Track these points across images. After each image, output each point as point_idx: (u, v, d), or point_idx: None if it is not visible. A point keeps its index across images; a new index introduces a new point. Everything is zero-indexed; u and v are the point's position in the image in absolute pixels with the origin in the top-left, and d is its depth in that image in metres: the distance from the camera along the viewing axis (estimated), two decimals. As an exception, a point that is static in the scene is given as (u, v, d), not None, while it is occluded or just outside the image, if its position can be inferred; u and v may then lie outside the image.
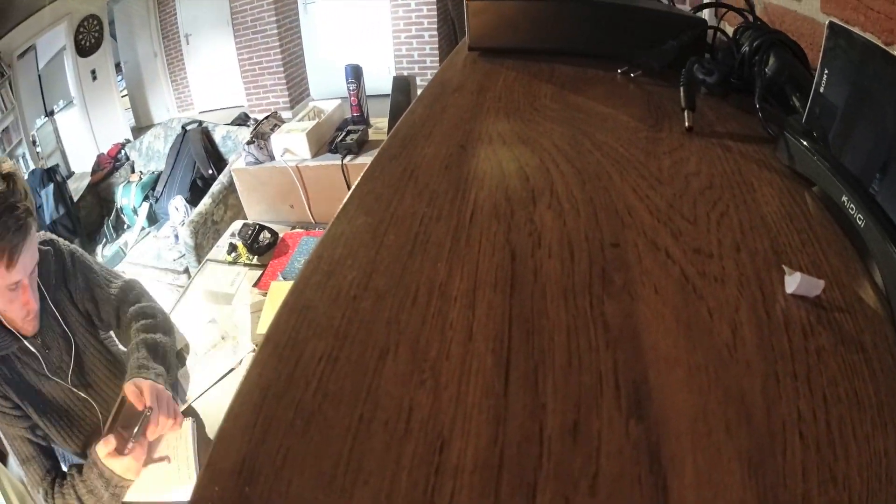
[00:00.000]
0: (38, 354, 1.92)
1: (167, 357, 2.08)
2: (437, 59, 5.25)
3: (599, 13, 1.20)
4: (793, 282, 0.53)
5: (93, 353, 2.12)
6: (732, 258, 0.59)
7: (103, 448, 1.78)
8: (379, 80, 2.50)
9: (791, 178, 0.71)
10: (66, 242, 2.16)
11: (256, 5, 5.70)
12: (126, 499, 1.83)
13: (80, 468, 1.90)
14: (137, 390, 1.86)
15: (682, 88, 0.88)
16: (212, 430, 1.83)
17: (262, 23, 5.73)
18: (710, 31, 1.14)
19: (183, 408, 1.97)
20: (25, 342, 1.89)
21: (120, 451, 1.78)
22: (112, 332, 2.25)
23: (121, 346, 2.23)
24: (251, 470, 0.45)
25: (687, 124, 0.83)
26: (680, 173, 0.73)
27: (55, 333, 2.00)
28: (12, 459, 2.03)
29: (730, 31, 1.14)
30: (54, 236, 2.13)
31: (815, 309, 0.53)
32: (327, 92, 5.68)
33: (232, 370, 1.97)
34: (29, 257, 1.75)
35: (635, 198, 0.68)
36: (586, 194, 0.70)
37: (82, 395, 2.04)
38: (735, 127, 0.85)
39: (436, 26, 5.16)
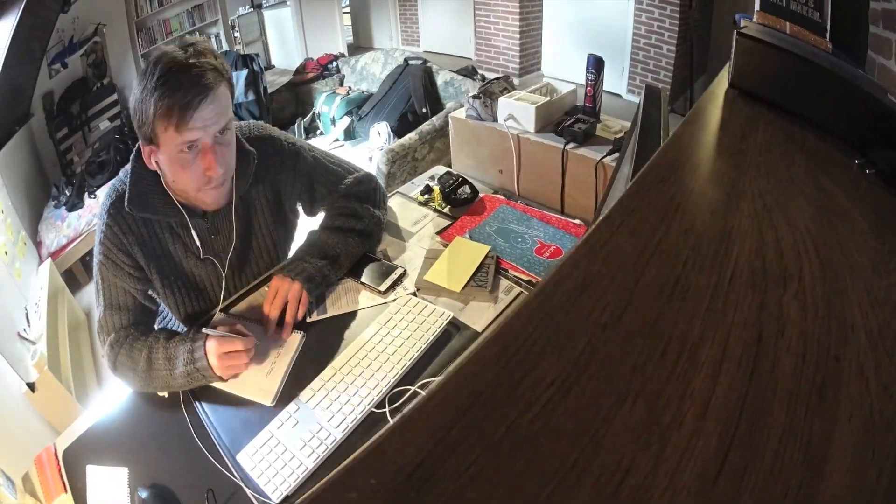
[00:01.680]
0: (195, 236, 1.95)
1: (338, 259, 2.08)
2: (671, 74, 5.14)
3: (852, 93, 1.18)
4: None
5: (262, 254, 2.19)
6: (902, 405, 0.59)
7: (214, 343, 1.79)
8: (610, 78, 2.50)
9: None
10: (293, 141, 2.18)
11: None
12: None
13: (169, 335, 1.92)
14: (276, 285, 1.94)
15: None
16: (322, 353, 1.86)
17: (504, -12, 5.74)
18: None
19: (318, 318, 1.98)
20: (189, 220, 1.92)
21: (230, 347, 1.79)
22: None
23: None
24: (426, 476, 0.44)
25: (904, 247, 0.82)
26: (891, 299, 0.72)
27: (231, 227, 2.03)
28: (98, 303, 1.99)
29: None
30: (278, 134, 2.14)
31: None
32: (557, 72, 5.67)
33: (384, 304, 1.99)
34: (210, 117, 1.70)
35: (859, 313, 0.68)
36: (826, 293, 0.70)
37: (226, 287, 2.09)
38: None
39: (675, 42, 5.07)
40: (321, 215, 2.30)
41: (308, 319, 1.98)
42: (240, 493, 1.58)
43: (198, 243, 1.97)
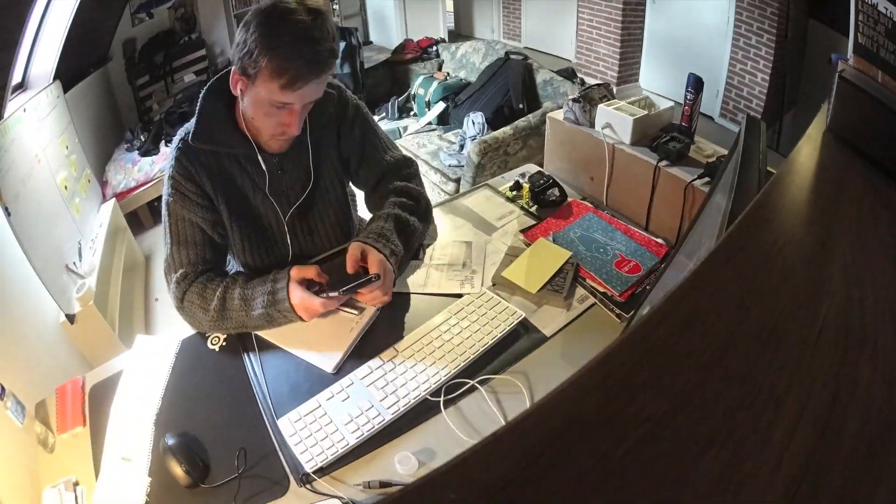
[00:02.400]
0: (265, 171, 1.98)
1: (411, 241, 2.08)
2: (762, 104, 4.93)
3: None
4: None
5: (329, 199, 2.21)
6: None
7: (298, 272, 1.86)
8: (703, 99, 2.45)
9: None
10: (355, 97, 2.20)
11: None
12: (273, 340, 1.88)
13: (247, 278, 1.95)
14: (359, 255, 1.91)
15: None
16: (387, 333, 1.88)
17: (608, -8, 5.65)
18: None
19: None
20: (259, 155, 1.95)
21: (309, 288, 1.84)
22: (362, 191, 2.33)
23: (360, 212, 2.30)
24: (511, 498, 0.43)
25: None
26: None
27: (299, 164, 2.07)
28: (166, 242, 2.01)
29: None
30: (343, 85, 2.18)
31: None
32: (653, 86, 5.59)
33: (458, 293, 1.98)
34: (311, 91, 1.77)
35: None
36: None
37: (290, 228, 2.12)
38: None
39: (769, 72, 4.89)
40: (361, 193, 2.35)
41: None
42: (272, 457, 1.60)
43: (267, 177, 2.00)
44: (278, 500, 1.50)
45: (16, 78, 4.38)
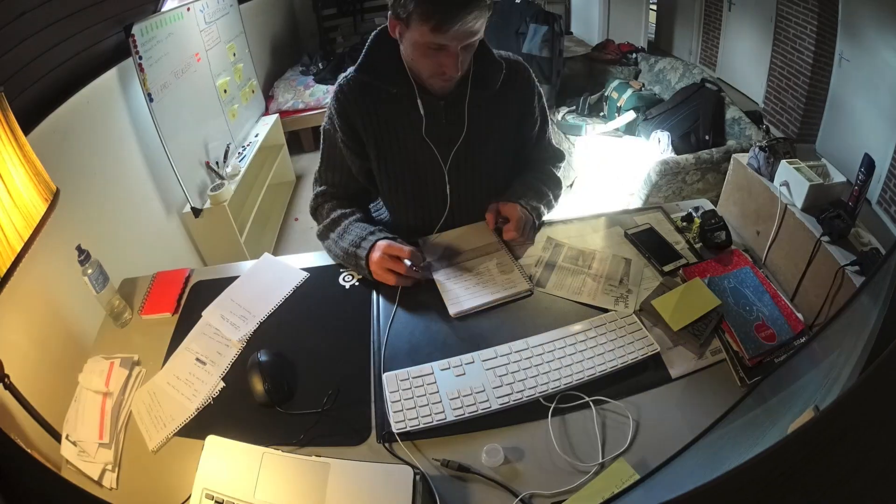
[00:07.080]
0: (423, 115, 1.89)
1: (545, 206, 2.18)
2: None
3: None
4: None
5: (488, 155, 2.08)
6: None
7: (389, 247, 1.83)
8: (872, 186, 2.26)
9: None
10: (538, 84, 2.14)
11: (801, 27, 5.17)
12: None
13: (361, 218, 2.02)
14: (495, 212, 2.03)
15: None
16: (524, 325, 1.79)
17: (802, 44, 5.17)
18: None
19: (543, 291, 1.91)
20: (419, 98, 1.87)
21: (398, 253, 1.82)
22: None
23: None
24: None
25: None
26: None
27: (459, 119, 1.95)
28: (321, 156, 2.06)
29: None
30: (528, 66, 2.10)
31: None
32: (830, 153, 5.16)
33: (604, 309, 1.87)
34: (465, 32, 1.65)
35: None
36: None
37: (450, 179, 2.04)
38: None
39: None
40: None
41: (534, 287, 1.92)
42: (362, 406, 1.56)
43: (423, 121, 1.91)
44: (350, 447, 1.47)
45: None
